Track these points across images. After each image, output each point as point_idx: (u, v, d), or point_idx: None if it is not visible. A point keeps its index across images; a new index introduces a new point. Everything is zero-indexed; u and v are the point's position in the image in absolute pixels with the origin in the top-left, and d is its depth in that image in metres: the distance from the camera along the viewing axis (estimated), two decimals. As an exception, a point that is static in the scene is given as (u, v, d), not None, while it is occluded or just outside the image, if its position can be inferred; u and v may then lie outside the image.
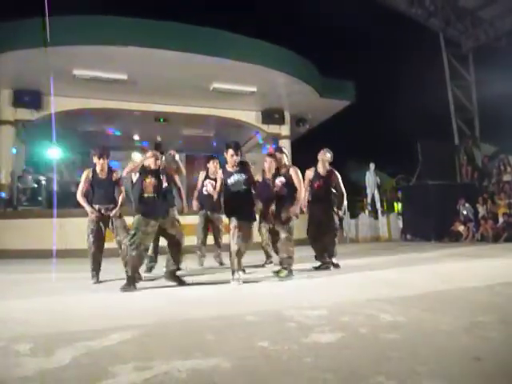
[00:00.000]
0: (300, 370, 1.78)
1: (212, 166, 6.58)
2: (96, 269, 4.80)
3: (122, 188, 4.98)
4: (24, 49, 8.71)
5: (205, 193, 6.41)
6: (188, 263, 5.56)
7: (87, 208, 4.72)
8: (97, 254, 4.80)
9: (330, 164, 5.80)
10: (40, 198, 10.23)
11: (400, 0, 15.95)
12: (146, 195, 4.35)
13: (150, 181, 4.38)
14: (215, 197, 6.06)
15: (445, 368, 1.79)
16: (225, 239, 5.90)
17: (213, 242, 6.59)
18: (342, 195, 5.67)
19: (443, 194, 12.02)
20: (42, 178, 10.99)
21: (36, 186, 10.53)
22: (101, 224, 4.81)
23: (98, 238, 4.79)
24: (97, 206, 4.78)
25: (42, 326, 2.73)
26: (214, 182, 6.31)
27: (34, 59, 8.96)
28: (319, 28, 18.31)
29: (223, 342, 2.24)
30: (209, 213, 6.41)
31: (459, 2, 15.69)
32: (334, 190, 5.69)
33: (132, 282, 4.17)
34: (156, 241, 5.27)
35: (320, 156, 5.66)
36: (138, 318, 2.84)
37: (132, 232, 4.26)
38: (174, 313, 3.04)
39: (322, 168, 5.63)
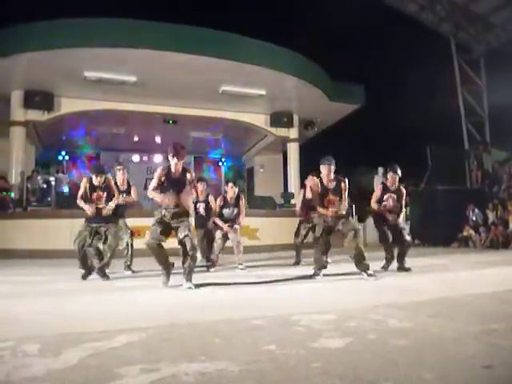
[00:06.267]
0: (308, 375, 1.77)
1: (200, 187, 6.75)
2: None
3: None
4: (35, 51, 8.78)
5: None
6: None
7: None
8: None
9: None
10: (49, 199, 10.31)
11: (411, 4, 15.90)
12: None
13: None
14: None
15: (453, 375, 1.77)
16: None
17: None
18: None
19: (452, 199, 11.94)
20: (52, 179, 11.08)
21: (45, 186, 10.61)
22: None
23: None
24: None
25: (49, 326, 2.74)
26: (204, 204, 6.82)
27: (45, 61, 9.04)
28: (329, 31, 18.31)
29: (230, 345, 2.24)
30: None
31: (470, 7, 15.58)
32: None
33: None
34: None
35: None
36: (145, 321, 2.84)
37: None
38: (180, 316, 3.04)
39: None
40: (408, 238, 5.89)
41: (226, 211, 6.56)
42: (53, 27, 8.87)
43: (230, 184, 6.69)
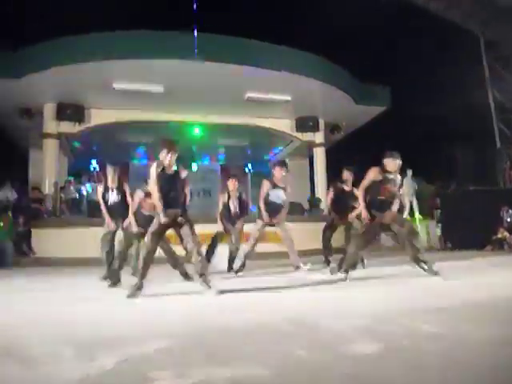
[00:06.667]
0: (340, 381, 1.76)
1: (231, 184, 6.78)
2: None
3: None
4: (67, 64, 9.06)
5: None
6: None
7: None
8: None
9: None
10: (82, 208, 10.58)
11: (435, 2, 15.62)
12: None
13: None
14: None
15: (492, 383, 1.72)
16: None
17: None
18: None
19: (485, 200, 11.60)
20: (84, 188, 11.37)
21: (78, 196, 10.89)
22: None
23: None
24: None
25: (84, 331, 2.81)
26: (237, 202, 6.72)
27: (75, 74, 9.32)
28: (353, 31, 18.19)
29: (260, 350, 2.24)
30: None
31: (498, 3, 15.19)
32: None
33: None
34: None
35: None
36: (175, 326, 2.88)
37: None
38: (209, 321, 3.06)
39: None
40: None
41: (274, 193, 6.15)
42: (82, 41, 9.14)
43: (278, 166, 6.34)
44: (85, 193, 11.33)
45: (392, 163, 5.15)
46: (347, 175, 6.75)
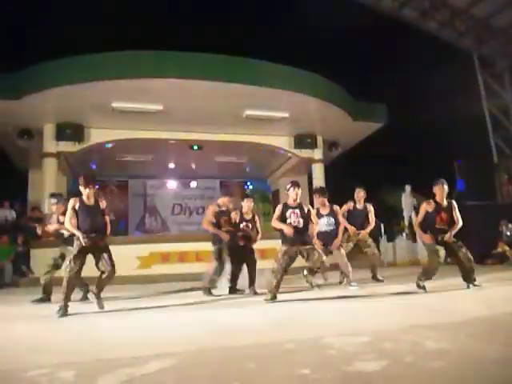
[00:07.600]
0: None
1: (246, 205, 6.28)
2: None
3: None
4: (66, 85, 9.13)
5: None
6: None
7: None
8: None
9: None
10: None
11: (430, 22, 15.90)
12: None
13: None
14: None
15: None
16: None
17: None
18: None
19: (484, 214, 11.61)
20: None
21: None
22: None
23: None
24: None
25: (83, 352, 2.77)
26: (249, 225, 6.17)
27: (75, 94, 9.39)
28: (351, 51, 18.47)
29: (264, 370, 2.22)
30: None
31: (490, 21, 15.46)
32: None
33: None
34: None
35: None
36: (177, 346, 2.85)
37: None
38: (212, 340, 3.03)
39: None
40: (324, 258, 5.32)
41: (322, 221, 6.01)
42: (80, 62, 9.21)
43: (317, 194, 6.19)
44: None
45: (439, 190, 5.47)
46: (360, 194, 6.82)
